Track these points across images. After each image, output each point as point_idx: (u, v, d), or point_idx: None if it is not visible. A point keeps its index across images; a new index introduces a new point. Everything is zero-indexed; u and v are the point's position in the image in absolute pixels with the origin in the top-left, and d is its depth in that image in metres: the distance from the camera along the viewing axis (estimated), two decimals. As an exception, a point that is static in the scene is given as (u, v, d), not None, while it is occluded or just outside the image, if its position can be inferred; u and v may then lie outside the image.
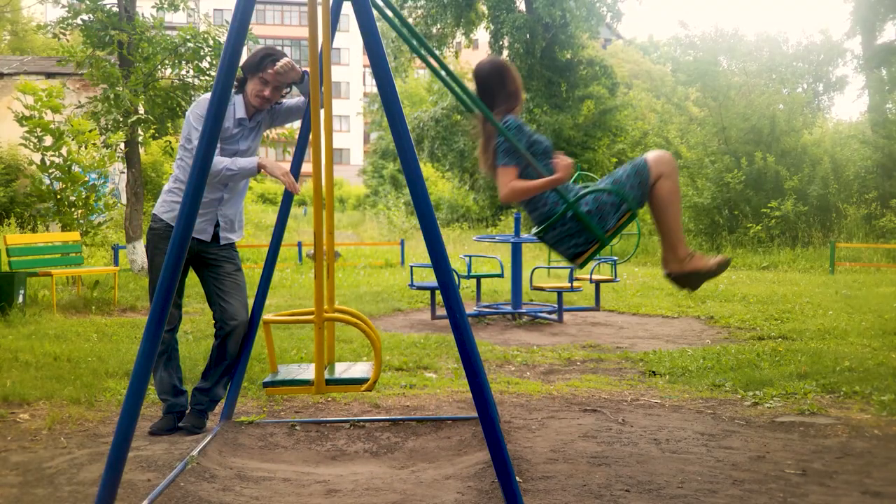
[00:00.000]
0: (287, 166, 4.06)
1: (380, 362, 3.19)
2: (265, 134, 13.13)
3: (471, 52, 38.76)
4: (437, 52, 3.11)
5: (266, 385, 3.21)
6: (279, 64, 3.99)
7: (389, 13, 3.55)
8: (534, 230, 3.77)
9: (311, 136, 3.31)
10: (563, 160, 3.59)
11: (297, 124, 4.90)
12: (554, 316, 8.80)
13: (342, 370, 3.43)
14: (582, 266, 3.80)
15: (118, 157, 12.36)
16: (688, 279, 3.77)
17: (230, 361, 4.24)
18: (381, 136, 39.19)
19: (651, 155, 3.65)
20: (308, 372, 3.33)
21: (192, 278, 4.49)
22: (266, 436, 4.26)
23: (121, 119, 11.79)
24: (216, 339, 4.24)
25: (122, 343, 6.85)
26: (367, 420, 4.53)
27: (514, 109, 3.71)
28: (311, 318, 3.18)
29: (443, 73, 3.62)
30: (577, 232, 3.61)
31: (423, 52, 3.60)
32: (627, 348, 7.08)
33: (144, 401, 3.51)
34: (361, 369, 3.40)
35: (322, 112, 3.31)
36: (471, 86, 3.70)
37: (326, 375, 3.26)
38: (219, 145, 3.97)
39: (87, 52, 11.84)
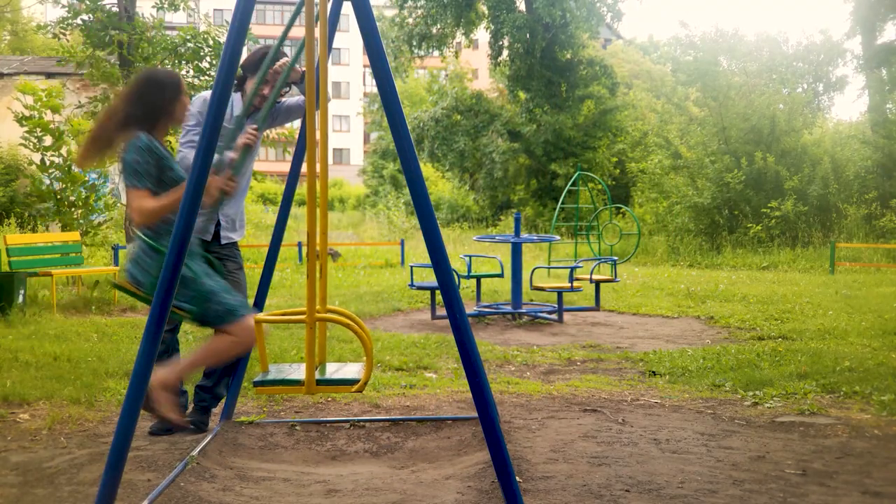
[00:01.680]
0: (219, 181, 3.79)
1: (371, 363, 3.18)
2: (265, 134, 13.17)
3: (471, 51, 38.77)
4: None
5: (256, 384, 3.21)
6: (279, 63, 3.99)
7: None
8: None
9: (306, 136, 3.30)
10: (213, 180, 3.28)
11: (297, 124, 4.89)
12: (554, 316, 8.80)
13: (333, 371, 3.42)
14: (121, 289, 3.49)
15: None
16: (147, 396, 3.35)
17: (231, 360, 4.23)
18: (381, 136, 39.20)
19: (248, 322, 3.41)
20: (299, 372, 3.33)
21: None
22: (266, 436, 4.26)
23: (121, 119, 11.78)
24: None
25: (122, 343, 6.85)
26: (367, 420, 4.53)
27: (154, 129, 3.43)
28: (303, 317, 3.18)
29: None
30: (147, 270, 3.33)
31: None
32: (627, 348, 7.08)
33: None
34: (353, 370, 3.39)
35: (318, 112, 3.31)
36: None
37: (317, 376, 3.25)
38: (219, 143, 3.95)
39: (87, 52, 11.84)
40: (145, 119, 3.42)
